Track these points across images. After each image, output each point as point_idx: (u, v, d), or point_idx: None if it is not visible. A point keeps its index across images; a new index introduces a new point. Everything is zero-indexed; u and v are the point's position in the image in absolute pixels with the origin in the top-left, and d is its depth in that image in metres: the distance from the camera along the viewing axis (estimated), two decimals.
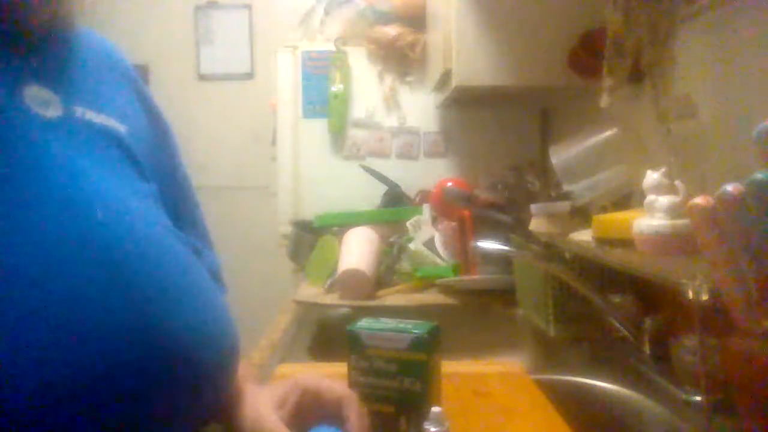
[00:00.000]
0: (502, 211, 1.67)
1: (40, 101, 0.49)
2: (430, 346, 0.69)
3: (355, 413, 0.61)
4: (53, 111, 0.49)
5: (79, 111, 0.52)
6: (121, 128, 0.56)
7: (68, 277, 0.43)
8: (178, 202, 0.66)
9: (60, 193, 0.46)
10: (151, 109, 0.65)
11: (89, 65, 0.57)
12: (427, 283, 1.68)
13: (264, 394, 0.64)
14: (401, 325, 0.71)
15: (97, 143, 0.52)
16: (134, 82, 0.64)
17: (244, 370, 0.67)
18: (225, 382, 0.56)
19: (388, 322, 0.73)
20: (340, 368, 0.75)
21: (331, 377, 0.66)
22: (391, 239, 1.84)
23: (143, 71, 2.97)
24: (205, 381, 0.52)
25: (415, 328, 0.70)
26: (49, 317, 0.41)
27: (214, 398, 0.55)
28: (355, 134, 2.19)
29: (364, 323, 0.73)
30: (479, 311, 1.54)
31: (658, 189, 0.85)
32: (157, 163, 0.61)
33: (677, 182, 0.85)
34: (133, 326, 0.45)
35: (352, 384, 0.72)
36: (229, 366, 0.57)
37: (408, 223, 1.89)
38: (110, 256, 0.46)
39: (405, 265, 1.75)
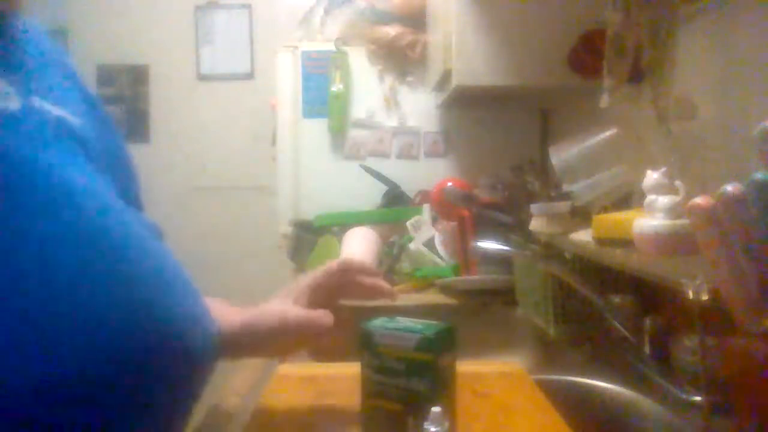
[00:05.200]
0: (502, 211, 1.67)
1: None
2: (438, 347, 0.69)
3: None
4: (12, 103, 0.47)
5: (37, 103, 0.50)
6: (74, 121, 0.54)
7: (66, 272, 0.42)
8: (126, 191, 0.64)
9: (43, 189, 0.44)
10: (89, 100, 0.62)
11: (35, 56, 0.55)
12: (427, 283, 1.69)
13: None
14: (413, 325, 0.71)
15: (60, 136, 0.51)
16: (74, 74, 0.62)
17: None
18: (211, 365, 0.57)
19: (402, 321, 0.72)
20: (341, 368, 0.75)
21: (332, 378, 0.66)
22: (391, 239, 1.84)
23: (143, 71, 2.97)
24: (198, 367, 0.52)
25: (426, 328, 0.70)
26: (51, 313, 0.41)
27: (203, 381, 0.55)
28: (355, 134, 2.19)
29: (378, 321, 0.73)
30: (479, 311, 1.54)
31: (658, 189, 0.85)
32: (104, 155, 0.59)
33: (677, 182, 0.85)
34: (137, 317, 0.45)
35: (364, 380, 0.72)
36: (214, 349, 0.57)
37: (408, 223, 1.89)
38: (103, 248, 0.45)
39: (405, 265, 1.75)
